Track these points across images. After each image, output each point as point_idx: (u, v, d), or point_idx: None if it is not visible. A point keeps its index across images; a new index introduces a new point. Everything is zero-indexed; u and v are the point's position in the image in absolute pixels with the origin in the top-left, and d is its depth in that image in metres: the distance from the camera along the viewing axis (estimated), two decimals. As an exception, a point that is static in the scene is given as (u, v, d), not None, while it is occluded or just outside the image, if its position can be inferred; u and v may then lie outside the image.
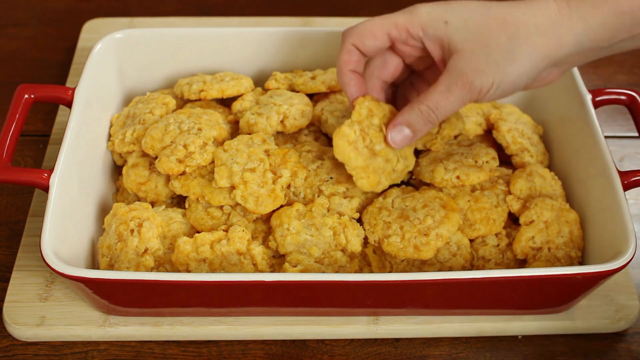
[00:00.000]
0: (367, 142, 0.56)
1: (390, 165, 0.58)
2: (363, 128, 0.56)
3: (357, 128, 0.56)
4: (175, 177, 0.62)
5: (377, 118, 0.57)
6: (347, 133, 0.55)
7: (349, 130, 0.55)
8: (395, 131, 0.56)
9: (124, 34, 0.70)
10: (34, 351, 0.59)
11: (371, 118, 0.57)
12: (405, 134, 0.55)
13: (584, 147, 0.64)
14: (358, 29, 0.56)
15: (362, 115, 0.56)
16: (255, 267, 0.57)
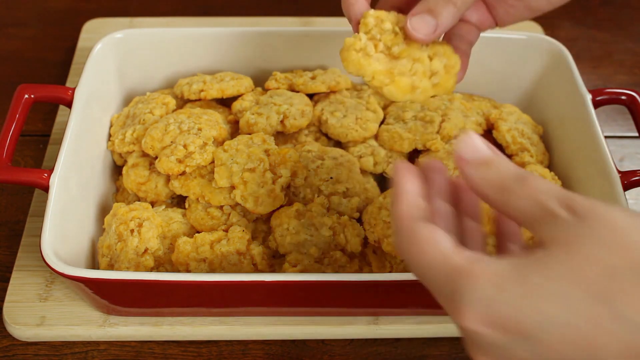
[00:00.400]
0: (380, 48, 0.47)
1: (422, 66, 0.49)
2: (373, 35, 0.47)
3: (363, 37, 0.47)
4: (175, 177, 0.62)
5: (388, 22, 0.48)
6: (352, 42, 0.47)
7: (352, 39, 0.47)
8: (416, 19, 0.46)
9: (124, 34, 0.70)
10: (34, 351, 0.59)
11: (381, 24, 0.48)
12: (427, 20, 0.46)
13: (584, 147, 0.64)
14: None
15: (370, 25, 0.48)
16: (255, 267, 0.57)
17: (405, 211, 0.38)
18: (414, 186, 0.39)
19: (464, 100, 0.70)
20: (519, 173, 0.37)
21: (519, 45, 0.72)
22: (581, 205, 0.33)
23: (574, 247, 0.32)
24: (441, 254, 0.35)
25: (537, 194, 0.35)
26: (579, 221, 0.33)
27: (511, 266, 0.33)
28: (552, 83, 0.71)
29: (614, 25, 0.95)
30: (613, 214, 0.33)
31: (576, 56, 0.72)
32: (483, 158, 0.38)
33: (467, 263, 0.34)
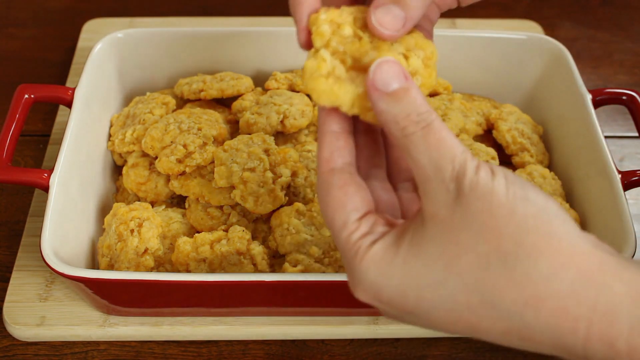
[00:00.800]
0: (349, 63, 0.38)
1: None
2: (335, 48, 0.38)
3: (327, 56, 0.38)
4: (175, 177, 0.62)
5: (347, 26, 0.39)
6: (315, 66, 0.37)
7: (315, 62, 0.37)
8: (380, 11, 0.38)
9: (124, 34, 0.70)
10: (34, 351, 0.59)
11: (339, 30, 0.38)
12: (395, 13, 0.38)
13: (584, 147, 0.64)
14: None
15: (326, 34, 0.38)
16: (255, 267, 0.57)
17: (325, 158, 0.38)
18: (338, 126, 0.38)
19: (464, 100, 0.70)
20: (426, 118, 0.35)
21: (519, 45, 0.72)
22: (468, 182, 0.33)
23: (451, 232, 0.34)
24: (343, 224, 0.37)
25: (436, 154, 0.34)
26: (460, 200, 0.33)
27: (395, 249, 0.35)
28: (552, 83, 0.71)
29: (614, 25, 0.95)
30: (493, 196, 0.33)
31: (576, 56, 0.72)
32: (395, 89, 0.36)
33: (361, 243, 0.36)
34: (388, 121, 0.36)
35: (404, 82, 0.36)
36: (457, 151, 0.34)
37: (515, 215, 0.33)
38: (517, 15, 0.94)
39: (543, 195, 0.34)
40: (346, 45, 0.38)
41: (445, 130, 0.35)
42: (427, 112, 0.35)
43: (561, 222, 0.33)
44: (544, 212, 0.33)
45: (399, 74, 0.36)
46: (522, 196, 0.33)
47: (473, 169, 0.34)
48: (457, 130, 0.66)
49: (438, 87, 0.71)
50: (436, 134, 0.34)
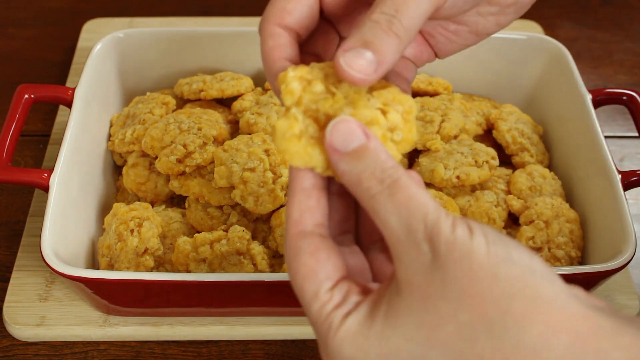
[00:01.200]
0: (322, 122, 0.35)
1: (380, 128, 0.37)
2: (307, 106, 0.35)
3: (299, 115, 0.35)
4: (175, 177, 0.62)
5: (318, 82, 0.36)
6: (287, 126, 0.35)
7: (286, 122, 0.35)
8: (350, 55, 0.34)
9: (124, 33, 0.70)
10: (34, 351, 0.59)
11: (310, 87, 0.36)
12: (367, 57, 0.35)
13: (584, 147, 0.64)
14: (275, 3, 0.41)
15: (296, 92, 0.36)
16: (255, 267, 0.57)
17: (294, 219, 0.35)
18: (310, 182, 0.35)
19: (464, 100, 0.70)
20: (392, 174, 0.32)
21: (519, 45, 0.72)
22: (443, 241, 0.30)
23: (429, 300, 0.31)
24: (314, 294, 0.34)
25: (406, 213, 0.31)
26: (436, 264, 0.30)
27: (370, 321, 0.32)
28: (552, 83, 0.71)
29: (614, 25, 0.95)
30: (473, 258, 0.30)
31: (576, 56, 0.72)
32: (354, 148, 0.33)
33: (333, 316, 0.33)
34: (352, 183, 0.33)
35: (364, 139, 0.33)
36: (429, 208, 0.31)
37: (499, 278, 0.30)
38: (517, 15, 0.94)
39: (527, 253, 0.31)
40: (318, 102, 0.35)
41: (414, 186, 0.32)
42: (392, 168, 0.32)
43: (549, 283, 0.30)
44: (530, 273, 0.30)
45: (357, 132, 0.33)
46: (504, 256, 0.30)
47: (448, 226, 0.31)
48: (457, 130, 0.66)
49: (438, 87, 0.71)
50: (404, 190, 0.32)
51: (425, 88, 0.70)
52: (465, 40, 0.44)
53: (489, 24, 0.43)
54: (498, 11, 0.42)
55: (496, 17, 0.42)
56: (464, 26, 0.43)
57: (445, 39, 0.43)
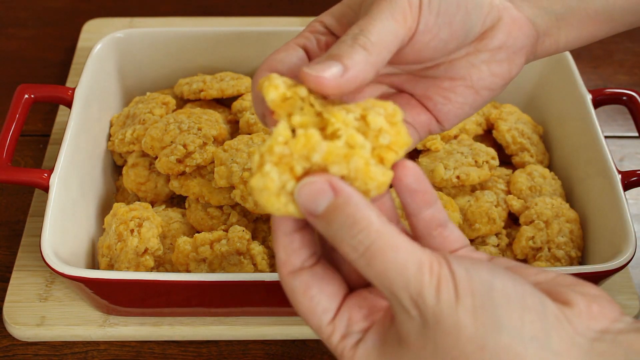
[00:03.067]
0: (300, 173, 0.33)
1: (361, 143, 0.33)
2: (280, 155, 0.32)
3: (274, 173, 0.32)
4: (175, 177, 0.62)
5: (302, 87, 0.34)
6: (262, 185, 0.32)
7: (262, 180, 0.32)
8: (316, 66, 0.34)
9: (124, 34, 0.70)
10: (34, 351, 0.59)
11: (295, 88, 0.34)
12: (332, 66, 0.34)
13: (583, 147, 0.64)
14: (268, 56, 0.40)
15: (280, 87, 0.34)
16: (255, 267, 0.57)
17: (282, 261, 0.35)
18: (291, 227, 0.35)
19: (464, 100, 0.70)
20: (362, 240, 0.31)
21: (519, 45, 0.72)
22: (430, 310, 0.31)
23: (421, 358, 0.32)
24: (318, 328, 0.35)
25: (387, 283, 0.31)
26: (426, 329, 0.31)
27: (379, 357, 0.33)
28: (552, 83, 0.71)
29: (614, 25, 0.95)
30: (460, 331, 0.30)
31: (576, 56, 0.72)
32: (323, 210, 0.32)
33: (343, 347, 0.34)
34: (332, 243, 0.33)
35: (331, 198, 0.32)
36: (409, 274, 0.31)
37: (487, 351, 0.30)
38: (517, 15, 0.94)
39: (517, 311, 0.31)
40: (292, 146, 0.32)
41: (389, 248, 0.31)
42: (363, 232, 0.31)
43: (538, 349, 0.30)
44: (519, 341, 0.30)
45: (323, 191, 0.32)
46: (492, 325, 0.30)
47: (432, 294, 0.31)
48: (457, 130, 0.66)
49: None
50: (379, 258, 0.31)
51: (425, 88, 0.70)
52: (465, 98, 0.42)
53: (483, 75, 0.42)
54: (489, 58, 0.42)
55: (488, 65, 0.42)
56: (458, 81, 0.42)
57: (443, 99, 0.42)
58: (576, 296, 0.33)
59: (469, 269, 0.31)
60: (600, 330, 0.32)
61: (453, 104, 0.43)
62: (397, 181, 0.35)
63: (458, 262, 0.32)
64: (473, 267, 0.32)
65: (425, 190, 0.36)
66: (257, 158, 0.32)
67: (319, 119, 0.34)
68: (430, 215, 0.36)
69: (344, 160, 0.32)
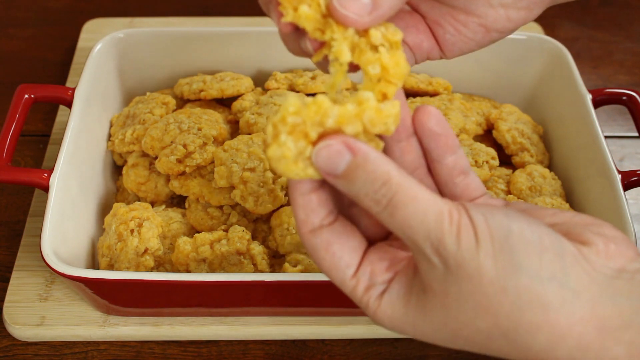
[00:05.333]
0: (313, 136, 0.33)
1: None
2: (294, 125, 0.33)
3: (287, 139, 0.33)
4: (175, 177, 0.62)
5: None
6: (279, 154, 0.33)
7: (278, 150, 0.33)
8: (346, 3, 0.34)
9: (124, 34, 0.70)
10: (34, 351, 0.59)
11: None
12: (362, 2, 0.34)
13: (584, 147, 0.64)
14: None
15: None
16: (255, 267, 0.57)
17: (302, 220, 0.35)
18: (308, 187, 0.35)
19: (464, 100, 0.70)
20: (385, 193, 0.32)
21: (519, 45, 0.72)
22: (452, 256, 0.32)
23: (449, 308, 0.33)
24: (341, 282, 0.36)
25: (410, 232, 0.32)
26: (449, 275, 0.32)
27: (404, 309, 0.35)
28: (552, 83, 0.71)
29: (614, 25, 0.95)
30: (482, 275, 0.31)
31: (576, 56, 0.72)
32: (344, 170, 0.33)
33: (368, 298, 0.35)
34: (354, 199, 0.34)
35: (350, 159, 0.33)
36: (429, 221, 0.32)
37: (508, 291, 0.31)
38: (517, 15, 0.94)
39: (536, 253, 0.32)
40: (304, 114, 0.33)
41: (410, 199, 0.32)
42: (385, 186, 0.32)
43: (557, 288, 0.31)
44: (538, 281, 0.31)
45: (341, 152, 0.33)
46: (512, 267, 0.31)
47: (453, 240, 0.32)
48: (457, 130, 0.66)
49: (438, 87, 0.71)
50: (401, 209, 0.32)
51: (425, 88, 0.70)
52: (474, 35, 0.43)
53: (499, 18, 0.42)
54: (511, 3, 0.42)
55: (507, 10, 0.42)
56: (473, 17, 0.42)
57: (454, 30, 0.43)
58: (594, 236, 0.33)
59: (486, 215, 0.32)
60: (618, 269, 0.33)
61: (461, 37, 0.43)
62: (420, 125, 0.37)
63: (476, 209, 0.33)
64: (490, 213, 0.33)
65: (447, 134, 0.37)
66: (270, 129, 0.33)
67: (324, 21, 0.34)
68: (453, 162, 0.37)
69: (357, 118, 0.33)
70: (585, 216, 0.36)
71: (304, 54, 0.39)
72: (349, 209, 0.38)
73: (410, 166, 0.38)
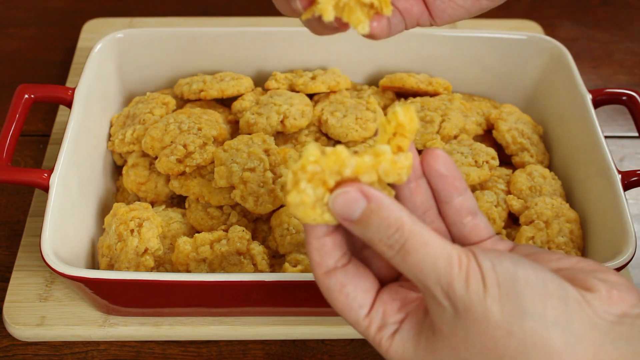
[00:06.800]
0: (331, 184, 0.35)
1: None
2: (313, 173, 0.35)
3: (307, 186, 0.34)
4: (175, 177, 0.62)
5: None
6: (299, 201, 0.35)
7: (298, 196, 0.35)
8: None
9: (124, 33, 0.70)
10: (34, 351, 0.59)
11: None
12: None
13: (584, 147, 0.64)
14: None
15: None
16: (255, 267, 0.57)
17: (317, 262, 0.37)
18: (323, 230, 0.37)
19: (464, 100, 0.70)
20: (398, 239, 0.34)
21: (519, 45, 0.72)
22: (460, 300, 0.33)
23: (457, 350, 0.34)
24: (355, 322, 0.37)
25: (421, 276, 0.34)
26: (457, 317, 0.34)
27: (414, 350, 0.36)
28: (552, 83, 0.71)
29: (614, 25, 0.95)
30: (489, 319, 0.33)
31: (576, 56, 0.72)
32: (359, 217, 0.34)
33: (380, 337, 0.37)
34: (368, 243, 0.35)
35: (365, 205, 0.34)
36: (440, 267, 0.33)
37: (514, 335, 0.33)
38: (517, 15, 0.94)
39: (540, 299, 0.33)
40: (323, 164, 0.34)
41: (421, 245, 0.34)
42: (398, 232, 0.34)
43: (560, 331, 0.33)
44: (542, 325, 0.33)
45: (357, 199, 0.34)
46: (517, 311, 0.33)
47: (462, 284, 0.33)
48: (457, 131, 0.66)
49: (438, 87, 0.71)
50: (413, 254, 0.34)
51: (425, 88, 0.70)
52: (464, 1, 0.43)
53: None
54: None
55: None
56: None
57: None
58: (597, 282, 0.35)
59: (493, 261, 0.34)
60: (620, 314, 0.34)
61: (451, 3, 0.43)
62: (428, 167, 0.38)
63: (484, 255, 0.34)
64: (497, 259, 0.34)
65: (455, 176, 0.38)
66: (290, 176, 0.35)
67: None
68: (461, 203, 0.39)
69: (373, 169, 0.35)
70: (590, 262, 0.37)
71: (294, 13, 0.40)
72: (361, 251, 0.39)
73: (421, 208, 0.39)
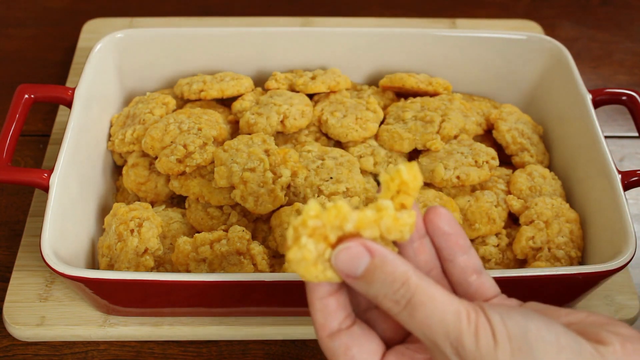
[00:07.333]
0: (332, 239, 0.35)
1: None
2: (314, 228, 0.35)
3: (310, 244, 0.35)
4: (175, 177, 0.62)
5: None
6: (300, 257, 0.35)
7: (299, 252, 0.35)
8: None
9: (124, 34, 0.70)
10: (34, 351, 0.59)
11: None
12: None
13: (584, 147, 0.64)
14: None
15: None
16: (255, 267, 0.57)
17: (320, 324, 0.37)
18: (326, 290, 0.36)
19: (464, 100, 0.70)
20: (404, 294, 0.33)
21: (519, 45, 0.72)
22: (471, 356, 0.33)
23: None
24: None
25: (429, 332, 0.33)
26: None
27: None
28: (552, 83, 0.71)
29: (614, 25, 0.95)
30: None
31: (576, 56, 0.72)
32: (362, 273, 0.34)
33: None
34: (373, 300, 0.35)
35: (369, 260, 0.34)
36: (448, 322, 0.33)
37: None
38: (517, 15, 0.94)
39: (552, 351, 0.33)
40: (324, 218, 0.35)
41: (428, 299, 0.33)
42: (404, 286, 0.34)
43: None
44: None
45: (361, 254, 0.34)
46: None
47: (472, 339, 0.33)
48: (457, 130, 0.66)
49: (438, 87, 0.71)
50: (421, 309, 0.33)
51: (425, 88, 0.70)
52: None
53: None
54: None
55: None
56: None
57: None
58: (610, 335, 0.34)
59: (503, 315, 0.33)
60: None
61: None
62: (431, 225, 0.38)
63: (493, 309, 0.33)
64: (507, 313, 0.33)
65: (458, 234, 0.38)
66: (291, 232, 0.35)
67: None
68: (465, 261, 0.38)
69: (375, 224, 0.35)
70: (599, 315, 0.36)
71: None
72: (365, 313, 0.39)
73: (425, 267, 0.39)
